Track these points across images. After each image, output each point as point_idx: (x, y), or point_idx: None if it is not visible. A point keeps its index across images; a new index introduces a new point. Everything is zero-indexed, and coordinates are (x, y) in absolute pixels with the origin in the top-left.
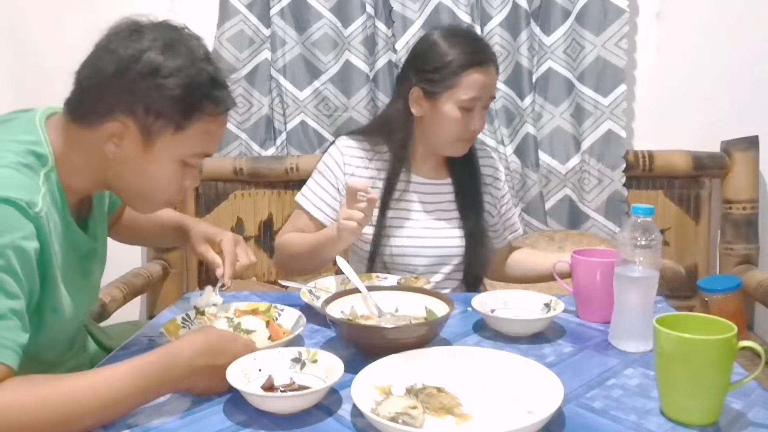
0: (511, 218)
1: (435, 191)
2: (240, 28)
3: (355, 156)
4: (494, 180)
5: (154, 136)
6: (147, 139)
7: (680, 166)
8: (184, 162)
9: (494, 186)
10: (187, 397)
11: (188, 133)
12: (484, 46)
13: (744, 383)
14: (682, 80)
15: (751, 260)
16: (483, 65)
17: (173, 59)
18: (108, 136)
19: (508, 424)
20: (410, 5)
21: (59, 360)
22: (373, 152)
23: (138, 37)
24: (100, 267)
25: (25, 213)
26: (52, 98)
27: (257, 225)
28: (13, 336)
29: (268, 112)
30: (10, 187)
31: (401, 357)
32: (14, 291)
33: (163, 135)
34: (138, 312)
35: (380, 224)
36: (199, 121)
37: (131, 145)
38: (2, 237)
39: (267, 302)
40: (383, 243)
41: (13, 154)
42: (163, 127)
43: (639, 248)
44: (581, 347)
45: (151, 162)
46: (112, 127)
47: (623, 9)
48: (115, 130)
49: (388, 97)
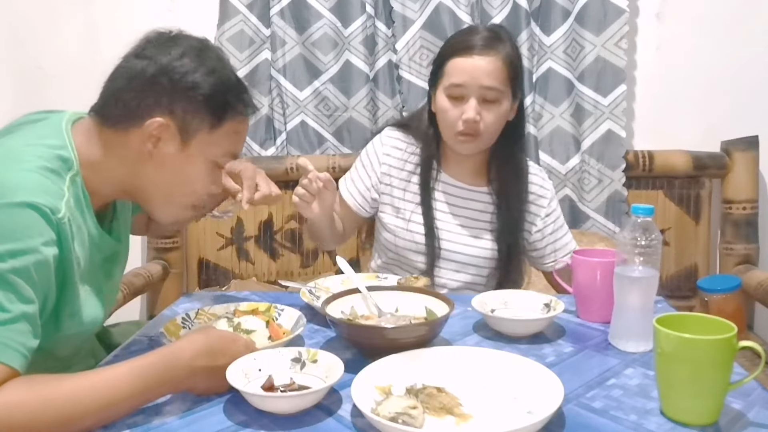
0: (561, 239)
1: (467, 196)
2: (240, 28)
3: (395, 147)
4: (538, 198)
5: (191, 135)
6: (185, 138)
7: (680, 166)
8: (216, 163)
9: (537, 204)
10: (187, 397)
11: (221, 131)
12: (472, 36)
13: (744, 383)
14: (682, 80)
15: (751, 260)
16: (466, 52)
17: (206, 62)
18: (147, 136)
19: (508, 424)
20: (410, 5)
21: (74, 355)
22: (414, 146)
23: (173, 43)
24: (121, 268)
25: (48, 219)
26: (52, 98)
27: (257, 225)
28: (23, 339)
29: (268, 112)
30: (35, 192)
31: (401, 357)
32: (29, 295)
33: (199, 133)
34: (138, 312)
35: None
36: (231, 120)
37: (169, 145)
38: (22, 241)
39: (267, 302)
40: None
41: (39, 158)
42: (199, 125)
43: (639, 248)
44: (581, 347)
45: (186, 161)
46: (152, 125)
47: (623, 9)
48: (156, 129)
49: (389, 97)
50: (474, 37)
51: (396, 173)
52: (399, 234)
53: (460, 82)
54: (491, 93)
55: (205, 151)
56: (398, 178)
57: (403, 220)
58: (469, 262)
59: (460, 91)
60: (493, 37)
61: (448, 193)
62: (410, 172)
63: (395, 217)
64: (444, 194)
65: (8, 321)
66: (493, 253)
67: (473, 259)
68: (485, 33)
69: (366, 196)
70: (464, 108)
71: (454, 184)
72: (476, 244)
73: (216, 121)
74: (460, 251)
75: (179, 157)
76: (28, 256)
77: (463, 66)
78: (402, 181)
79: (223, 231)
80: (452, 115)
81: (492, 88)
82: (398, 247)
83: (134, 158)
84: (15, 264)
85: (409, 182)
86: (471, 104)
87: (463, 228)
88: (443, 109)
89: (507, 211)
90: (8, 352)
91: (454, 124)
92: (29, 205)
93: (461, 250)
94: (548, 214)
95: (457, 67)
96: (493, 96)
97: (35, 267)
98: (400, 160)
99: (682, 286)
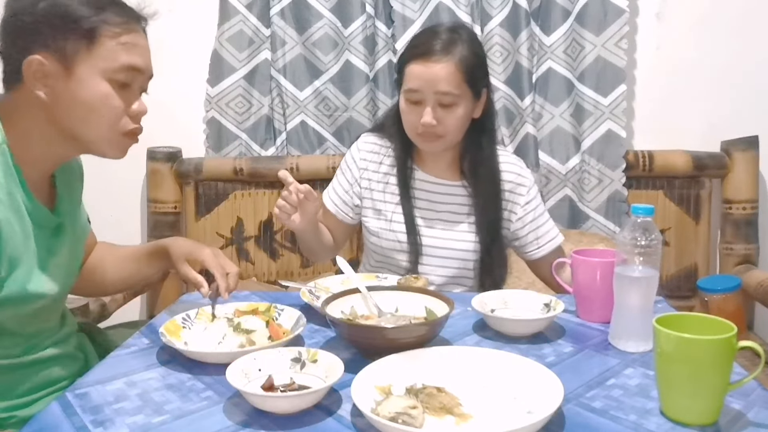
0: (542, 226)
1: (444, 191)
2: (240, 28)
3: (372, 152)
4: (517, 186)
5: (70, 59)
6: (67, 65)
7: (680, 166)
8: (113, 80)
9: (516, 192)
10: (187, 397)
11: (102, 46)
12: (429, 40)
13: (744, 383)
14: (682, 80)
15: (751, 260)
16: (422, 57)
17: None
18: (34, 80)
19: (508, 424)
20: (410, 5)
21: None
22: (389, 147)
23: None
24: (71, 247)
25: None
26: None
27: (257, 225)
28: None
29: (268, 112)
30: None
31: (401, 357)
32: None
33: (78, 54)
34: (138, 312)
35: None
36: (108, 32)
37: (56, 78)
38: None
39: (267, 302)
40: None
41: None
42: (75, 45)
43: (639, 248)
44: (581, 347)
45: (80, 87)
46: (31, 64)
47: (623, 9)
48: (36, 67)
49: (389, 97)
50: (432, 41)
51: (374, 176)
52: (383, 235)
53: (416, 87)
54: (447, 98)
55: (94, 70)
56: (376, 180)
57: (386, 221)
58: (451, 256)
59: (416, 96)
60: (450, 41)
61: (426, 189)
62: (386, 173)
63: (377, 219)
64: (422, 191)
65: None
66: (475, 246)
67: (455, 252)
68: (444, 35)
69: (348, 202)
70: (422, 112)
71: (431, 180)
72: (457, 237)
73: (90, 35)
74: (442, 246)
75: (71, 86)
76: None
77: (419, 72)
78: (380, 183)
79: (223, 231)
80: (412, 118)
81: (447, 93)
82: (383, 248)
83: (38, 108)
84: None
85: (387, 183)
86: (427, 110)
87: (443, 222)
88: (404, 112)
89: (483, 204)
90: None
91: (414, 126)
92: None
93: (443, 244)
94: (528, 201)
95: (413, 73)
96: (449, 100)
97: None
98: (376, 163)
99: (682, 286)
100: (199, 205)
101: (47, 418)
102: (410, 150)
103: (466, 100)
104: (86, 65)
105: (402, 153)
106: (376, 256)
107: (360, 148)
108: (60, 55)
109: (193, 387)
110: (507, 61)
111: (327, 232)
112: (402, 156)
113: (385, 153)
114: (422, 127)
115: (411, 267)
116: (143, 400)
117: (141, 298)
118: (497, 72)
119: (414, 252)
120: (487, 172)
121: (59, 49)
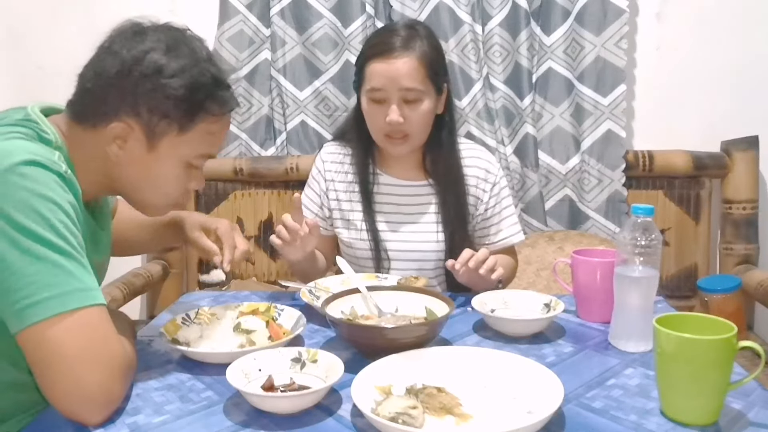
0: (504, 221)
1: (409, 192)
2: (240, 28)
3: (335, 161)
4: (480, 181)
5: (158, 137)
6: (151, 141)
7: (680, 166)
8: (189, 163)
9: (480, 188)
10: (188, 397)
11: (192, 133)
12: (388, 38)
13: (744, 383)
14: (682, 80)
15: (751, 260)
16: (383, 55)
17: (176, 60)
18: (112, 137)
19: (508, 424)
20: (410, 5)
21: None
22: (351, 155)
23: (141, 38)
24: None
25: (58, 174)
26: (52, 98)
27: (257, 225)
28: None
29: (268, 112)
30: (32, 150)
31: (401, 357)
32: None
33: (167, 136)
34: (138, 312)
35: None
36: (203, 122)
37: (136, 147)
38: (48, 193)
39: (267, 302)
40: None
41: (18, 133)
42: (167, 127)
43: (639, 248)
44: (581, 347)
45: (155, 163)
46: (116, 128)
47: (623, 9)
48: (119, 131)
49: None
50: (391, 38)
51: (340, 186)
52: (355, 245)
53: (379, 86)
54: (411, 94)
55: (176, 153)
56: (342, 190)
57: (356, 230)
58: (420, 258)
59: (380, 94)
60: (410, 37)
61: (391, 193)
62: (351, 182)
63: (348, 230)
64: (387, 195)
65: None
66: (440, 245)
67: (424, 254)
68: (402, 32)
69: (320, 215)
70: (387, 111)
71: (395, 182)
72: (424, 238)
73: (186, 123)
74: (410, 249)
75: (147, 158)
76: (62, 208)
77: (381, 70)
78: (346, 193)
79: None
80: (377, 119)
81: (411, 89)
82: (358, 258)
83: (103, 157)
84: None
85: (353, 191)
86: (393, 107)
87: (411, 225)
88: (368, 113)
89: (449, 201)
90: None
91: (380, 127)
92: (33, 162)
93: (411, 247)
94: (495, 189)
95: (376, 71)
96: (414, 96)
97: (69, 218)
98: (340, 173)
99: (682, 286)
100: (199, 205)
101: (48, 419)
102: (372, 154)
103: (430, 96)
104: (170, 145)
105: (363, 158)
106: (353, 266)
107: (324, 159)
108: (148, 129)
109: (193, 387)
110: (507, 61)
111: (321, 257)
112: (363, 161)
113: (349, 161)
114: (389, 126)
115: (377, 270)
116: (143, 400)
117: (141, 298)
118: (497, 72)
119: (378, 258)
120: (450, 167)
121: (150, 123)
